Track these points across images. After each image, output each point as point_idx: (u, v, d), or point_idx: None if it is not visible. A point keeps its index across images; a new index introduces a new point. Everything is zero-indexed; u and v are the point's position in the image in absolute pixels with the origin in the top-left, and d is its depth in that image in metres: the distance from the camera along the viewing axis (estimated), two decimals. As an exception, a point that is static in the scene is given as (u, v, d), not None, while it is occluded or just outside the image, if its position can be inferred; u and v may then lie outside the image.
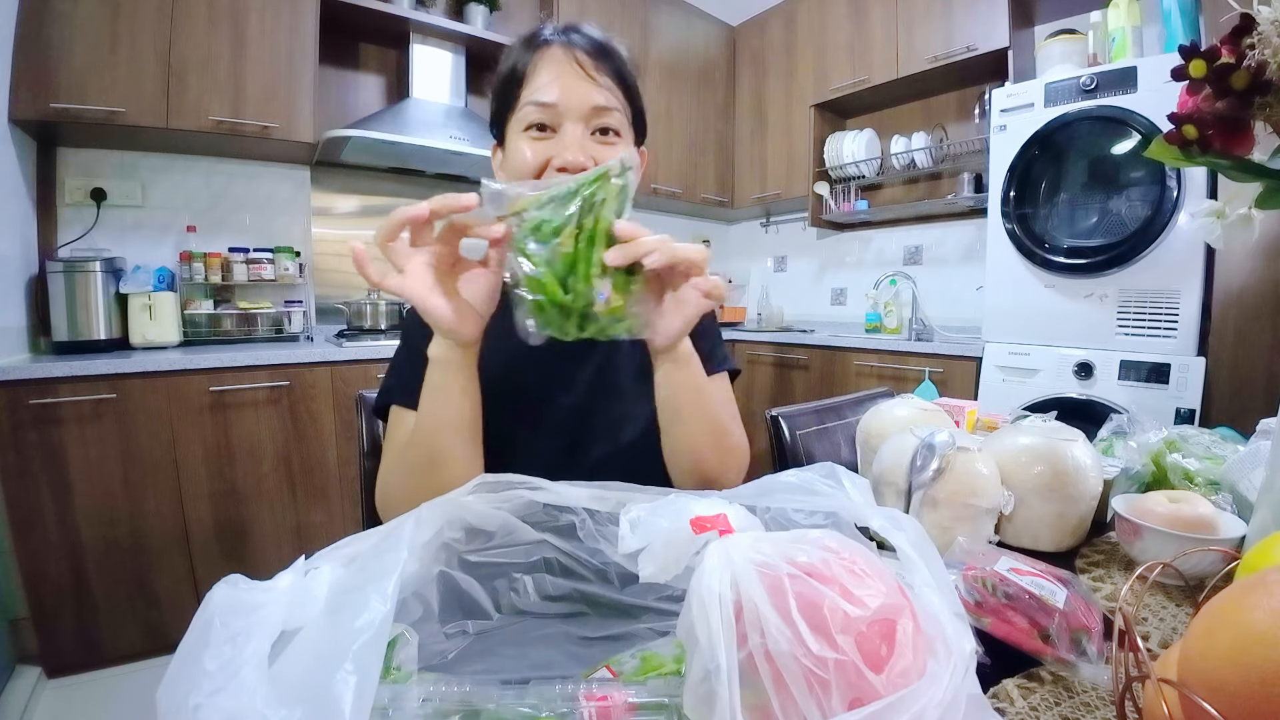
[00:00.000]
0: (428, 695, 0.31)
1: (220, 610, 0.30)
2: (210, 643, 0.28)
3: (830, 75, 2.97)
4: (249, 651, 0.28)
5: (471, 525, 0.45)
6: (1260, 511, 0.55)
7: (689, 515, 0.35)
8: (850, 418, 1.18)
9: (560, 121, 0.68)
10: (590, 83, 0.68)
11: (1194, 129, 0.46)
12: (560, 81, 0.68)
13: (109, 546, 1.64)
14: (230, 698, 0.26)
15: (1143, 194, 1.79)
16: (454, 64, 2.55)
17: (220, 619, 0.30)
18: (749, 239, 3.92)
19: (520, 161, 0.68)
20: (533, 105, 0.68)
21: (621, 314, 0.52)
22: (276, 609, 0.31)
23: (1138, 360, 1.81)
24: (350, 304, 2.39)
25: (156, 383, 1.70)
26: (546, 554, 0.49)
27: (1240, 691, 0.27)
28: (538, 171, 0.68)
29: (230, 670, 0.27)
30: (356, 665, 0.27)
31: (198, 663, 0.28)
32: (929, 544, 0.35)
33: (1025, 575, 0.48)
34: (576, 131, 0.68)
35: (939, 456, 0.64)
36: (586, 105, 0.68)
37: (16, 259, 1.82)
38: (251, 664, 0.27)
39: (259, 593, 0.32)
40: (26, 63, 1.72)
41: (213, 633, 0.29)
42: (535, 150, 0.68)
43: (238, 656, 0.28)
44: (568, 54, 0.69)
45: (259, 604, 0.31)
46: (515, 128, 0.70)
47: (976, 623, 0.45)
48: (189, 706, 0.25)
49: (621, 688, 0.33)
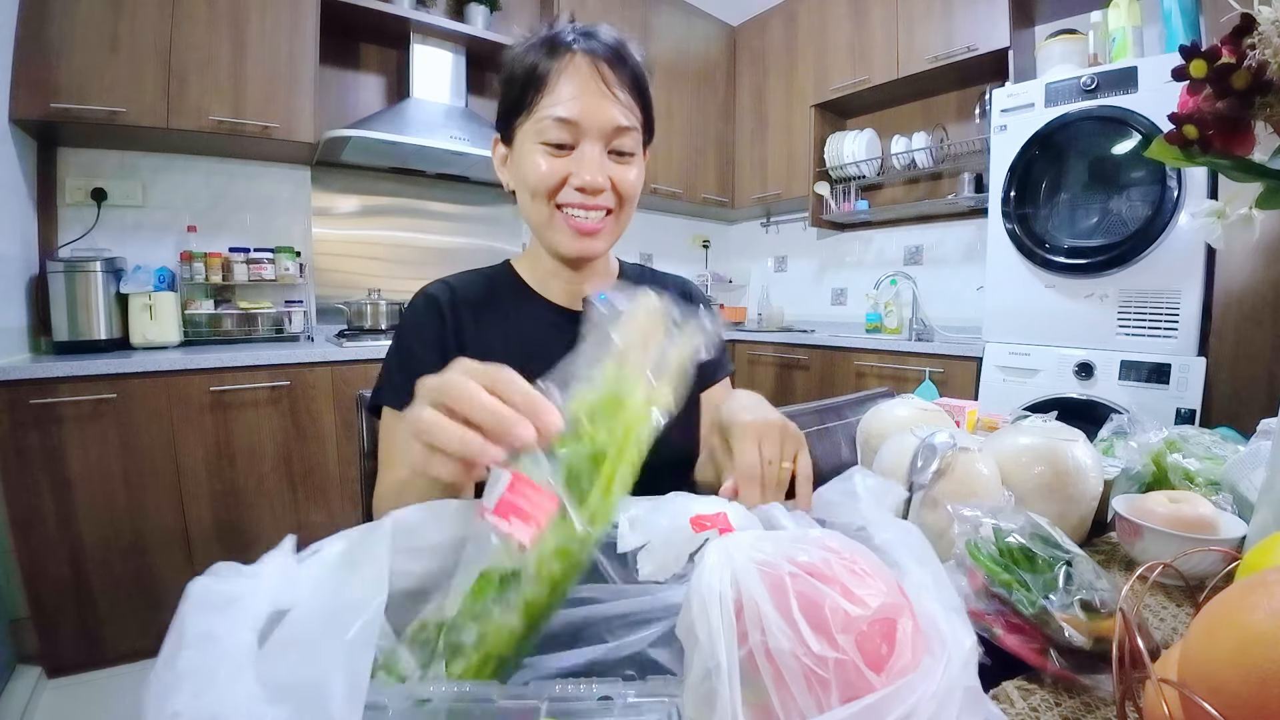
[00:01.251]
0: (425, 694, 0.31)
1: (196, 606, 0.29)
2: (186, 643, 0.27)
3: (831, 75, 2.97)
4: (228, 647, 0.27)
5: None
6: (1261, 512, 0.55)
7: (688, 514, 0.35)
8: (851, 418, 1.18)
9: (579, 139, 0.68)
10: (612, 100, 0.68)
11: (1194, 129, 0.46)
12: (583, 99, 0.67)
13: (109, 546, 1.64)
14: (209, 702, 0.25)
15: (1143, 194, 1.79)
16: (454, 64, 2.55)
17: (195, 616, 0.28)
18: (749, 239, 3.92)
19: (534, 174, 0.68)
20: (553, 120, 0.67)
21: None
22: (260, 597, 0.30)
23: (1138, 360, 1.81)
24: (350, 304, 2.39)
25: (157, 383, 1.70)
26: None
27: (1241, 692, 0.27)
28: (554, 188, 0.68)
29: (209, 671, 0.26)
30: (347, 659, 0.26)
31: (173, 666, 0.26)
32: (931, 554, 0.35)
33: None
34: (595, 151, 0.68)
35: (939, 457, 0.63)
36: (609, 126, 0.68)
37: (17, 259, 1.82)
38: (231, 662, 0.26)
39: (241, 580, 0.31)
40: (27, 63, 1.72)
41: (187, 633, 0.28)
42: (552, 166, 0.67)
43: (217, 654, 0.27)
44: (591, 66, 0.68)
45: (239, 594, 0.29)
46: (530, 136, 0.69)
47: (987, 632, 0.45)
48: (167, 714, 0.24)
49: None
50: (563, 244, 0.71)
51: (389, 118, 2.31)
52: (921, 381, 2.30)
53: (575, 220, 0.70)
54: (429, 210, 2.77)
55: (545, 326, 0.78)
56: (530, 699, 0.31)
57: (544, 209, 0.70)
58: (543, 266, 0.79)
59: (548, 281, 0.80)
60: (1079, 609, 0.45)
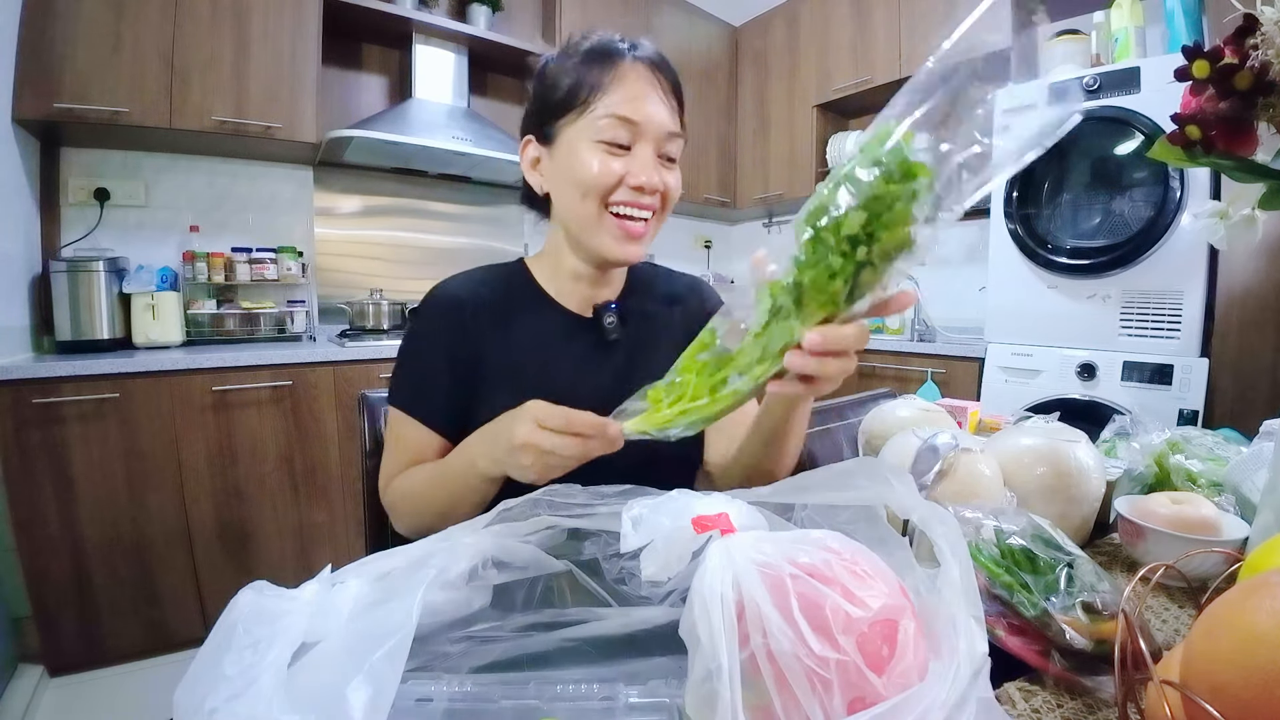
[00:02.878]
0: (427, 695, 0.31)
1: (244, 616, 0.30)
2: (231, 647, 0.28)
3: (833, 75, 2.97)
4: (269, 659, 0.28)
5: (499, 559, 0.43)
6: (1263, 513, 0.54)
7: (691, 514, 0.35)
8: (852, 418, 1.17)
9: (636, 140, 0.69)
10: (666, 105, 0.70)
11: (1197, 129, 0.46)
12: (643, 102, 0.68)
13: (111, 546, 1.65)
14: (246, 704, 0.26)
15: (1145, 194, 1.79)
16: (456, 64, 2.55)
17: (243, 625, 0.30)
18: (751, 239, 3.92)
19: (587, 174, 0.68)
20: (614, 119, 0.67)
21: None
22: (299, 618, 0.30)
23: (1141, 361, 1.81)
24: (352, 304, 2.39)
25: (159, 382, 1.70)
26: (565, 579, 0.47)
27: (1242, 693, 0.27)
28: (610, 187, 0.68)
29: (249, 676, 0.27)
30: (372, 676, 0.27)
31: (217, 667, 0.28)
32: (963, 544, 0.35)
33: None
34: (648, 153, 0.69)
35: (941, 458, 0.63)
36: (664, 130, 0.69)
37: (20, 258, 1.83)
38: (270, 671, 0.27)
39: (284, 601, 0.32)
40: (30, 63, 1.72)
41: (235, 638, 0.29)
42: (608, 165, 0.68)
43: (258, 663, 0.28)
44: (649, 71, 0.70)
45: (282, 612, 0.31)
46: (584, 134, 0.69)
47: (989, 634, 0.45)
48: (205, 710, 0.25)
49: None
50: (608, 247, 0.71)
51: (391, 118, 2.31)
52: (923, 382, 2.30)
53: (626, 223, 0.70)
54: (431, 210, 2.77)
55: (560, 334, 0.78)
56: (531, 699, 0.31)
57: (593, 208, 0.69)
58: (565, 271, 0.78)
59: (567, 287, 0.79)
60: (1081, 610, 0.45)
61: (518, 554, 0.43)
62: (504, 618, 0.44)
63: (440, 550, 0.39)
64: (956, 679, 0.27)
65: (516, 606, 0.44)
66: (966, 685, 0.27)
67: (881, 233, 0.39)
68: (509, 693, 0.31)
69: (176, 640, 1.74)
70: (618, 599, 0.44)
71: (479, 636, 0.46)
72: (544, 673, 0.36)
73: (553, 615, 0.46)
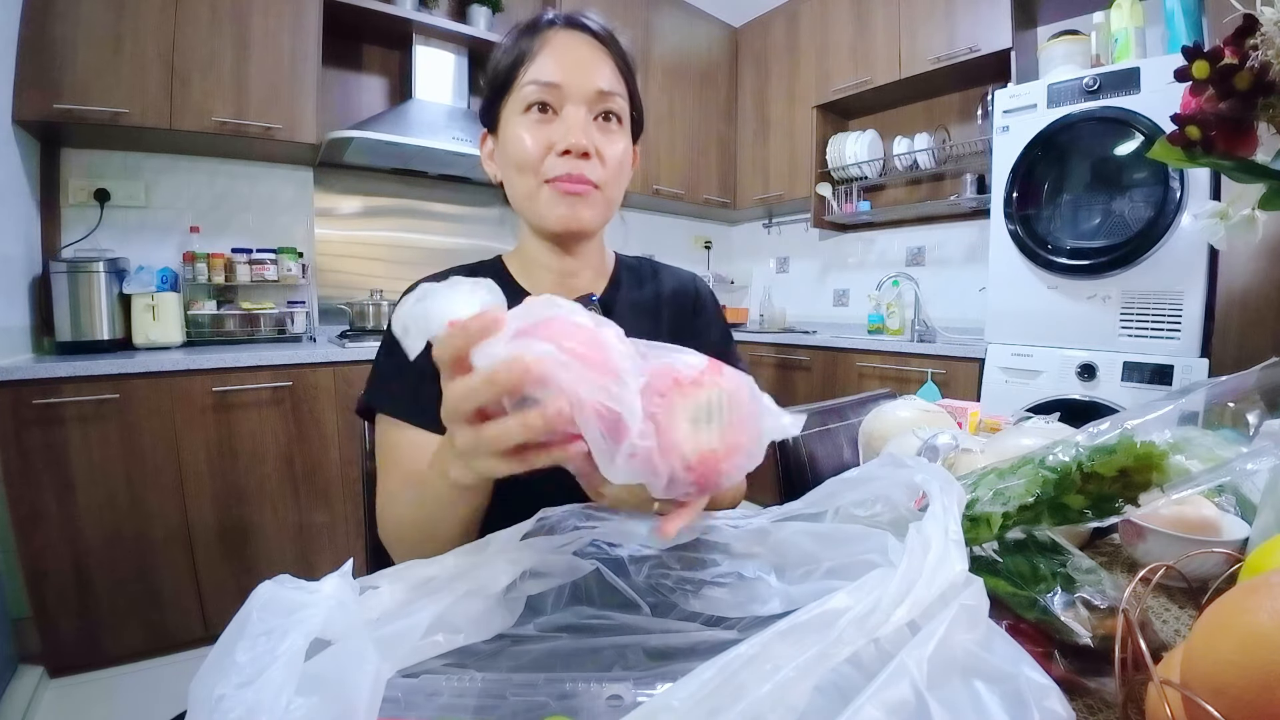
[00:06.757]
0: (438, 689, 0.31)
1: (260, 605, 0.30)
2: (245, 635, 0.28)
3: (833, 76, 2.97)
4: (282, 648, 0.28)
5: (536, 569, 0.43)
6: (1263, 514, 0.54)
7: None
8: (853, 419, 1.17)
9: (563, 103, 0.64)
10: (595, 65, 0.66)
11: (1197, 130, 0.46)
12: (564, 62, 0.64)
13: (112, 546, 1.65)
14: (254, 691, 0.26)
15: (1146, 195, 1.79)
16: (456, 65, 2.56)
17: (259, 614, 0.29)
18: (751, 240, 3.92)
19: (519, 149, 0.65)
20: (535, 85, 0.64)
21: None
22: (317, 610, 0.30)
23: (1141, 362, 1.81)
24: (353, 305, 2.39)
25: (159, 383, 1.70)
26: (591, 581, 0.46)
27: (1243, 694, 0.27)
28: (540, 157, 0.65)
29: (260, 665, 0.27)
30: (378, 664, 0.27)
31: (230, 654, 0.28)
32: (955, 488, 0.38)
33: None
34: (579, 114, 0.64)
35: (941, 458, 0.63)
36: (591, 88, 0.65)
37: (20, 259, 1.83)
38: (283, 660, 0.27)
39: (303, 593, 0.32)
40: (30, 63, 1.72)
41: (249, 626, 0.29)
42: (535, 136, 0.64)
43: (270, 651, 0.28)
44: (572, 35, 0.67)
45: (300, 604, 0.30)
46: (512, 110, 0.66)
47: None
48: (213, 697, 0.26)
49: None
50: (549, 215, 0.66)
51: (391, 119, 2.31)
52: (924, 383, 2.30)
53: (561, 183, 0.65)
54: (431, 211, 2.77)
55: None
56: (539, 696, 0.31)
57: (530, 182, 0.66)
58: (533, 260, 0.75)
59: (538, 277, 0.75)
60: (1081, 611, 0.45)
61: (554, 565, 0.43)
62: (534, 618, 0.43)
63: (478, 564, 0.38)
64: (919, 577, 0.30)
65: (546, 608, 0.44)
66: (930, 580, 0.30)
67: None
68: (518, 690, 0.31)
69: (176, 641, 1.74)
70: (643, 596, 0.43)
71: (510, 636, 0.46)
72: (556, 673, 0.36)
73: (589, 616, 0.45)
